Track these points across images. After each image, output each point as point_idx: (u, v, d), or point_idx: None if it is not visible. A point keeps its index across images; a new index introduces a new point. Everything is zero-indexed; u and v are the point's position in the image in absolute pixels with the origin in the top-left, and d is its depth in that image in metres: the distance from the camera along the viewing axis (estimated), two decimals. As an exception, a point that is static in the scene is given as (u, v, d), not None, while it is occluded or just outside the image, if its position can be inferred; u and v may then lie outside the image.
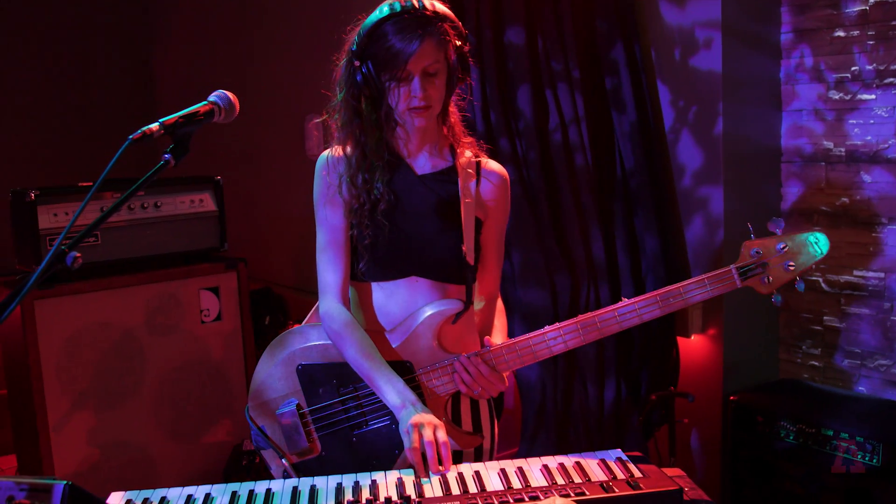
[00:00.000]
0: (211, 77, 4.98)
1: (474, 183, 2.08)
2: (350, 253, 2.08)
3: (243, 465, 3.35)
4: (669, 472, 1.80)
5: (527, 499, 1.61)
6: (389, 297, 2.07)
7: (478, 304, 2.18)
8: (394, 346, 2.03)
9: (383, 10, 1.92)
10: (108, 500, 1.75)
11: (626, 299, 1.95)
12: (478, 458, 2.11)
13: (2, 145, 4.65)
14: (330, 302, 2.06)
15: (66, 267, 1.44)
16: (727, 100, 3.13)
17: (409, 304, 2.05)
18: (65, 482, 1.38)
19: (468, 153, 2.11)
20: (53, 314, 3.15)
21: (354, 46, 1.96)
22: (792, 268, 1.93)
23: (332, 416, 2.06)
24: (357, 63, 1.95)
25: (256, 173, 4.72)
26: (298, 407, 2.07)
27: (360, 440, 2.04)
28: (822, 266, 3.20)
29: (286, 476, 2.04)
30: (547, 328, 1.97)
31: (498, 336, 2.16)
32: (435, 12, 1.92)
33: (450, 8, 1.99)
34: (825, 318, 3.24)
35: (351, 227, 2.06)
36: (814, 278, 3.23)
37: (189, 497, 1.77)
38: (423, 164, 2.09)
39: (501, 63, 3.20)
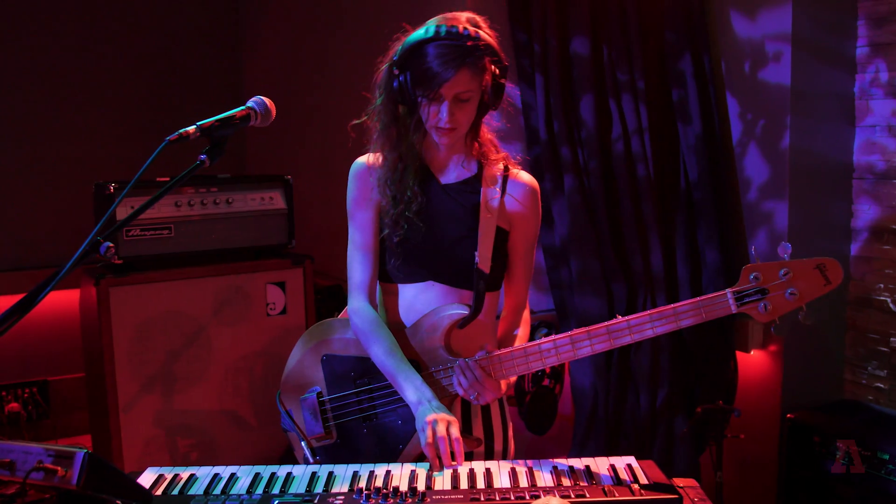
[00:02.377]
0: (294, 77, 5.12)
1: (499, 194, 2.13)
2: (378, 256, 2.18)
3: (299, 454, 3.45)
4: (682, 482, 1.82)
5: (528, 497, 1.66)
6: (411, 299, 2.16)
7: (503, 312, 2.26)
8: (406, 344, 2.12)
9: (429, 31, 1.98)
10: (143, 474, 1.89)
11: (620, 316, 1.93)
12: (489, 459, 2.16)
13: (93, 139, 4.85)
14: (358, 300, 2.17)
15: (102, 256, 1.53)
16: (795, 114, 3.09)
17: (427, 306, 2.14)
18: (85, 450, 1.50)
19: (498, 166, 2.16)
20: (127, 301, 3.32)
21: (396, 56, 2.03)
22: (795, 296, 1.83)
23: (347, 407, 2.17)
24: (396, 72, 2.02)
25: (333, 173, 4.83)
26: (319, 395, 2.20)
27: (370, 432, 2.14)
28: (890, 286, 3.13)
29: (306, 460, 2.17)
30: (542, 339, 2.00)
31: (511, 341, 2.20)
32: (476, 44, 1.96)
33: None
34: (892, 339, 3.16)
35: (382, 228, 2.16)
36: (882, 298, 3.16)
37: (215, 475, 1.89)
38: (449, 173, 2.17)
39: (566, 72, 3.23)
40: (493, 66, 2.02)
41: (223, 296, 3.50)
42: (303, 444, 2.19)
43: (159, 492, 1.82)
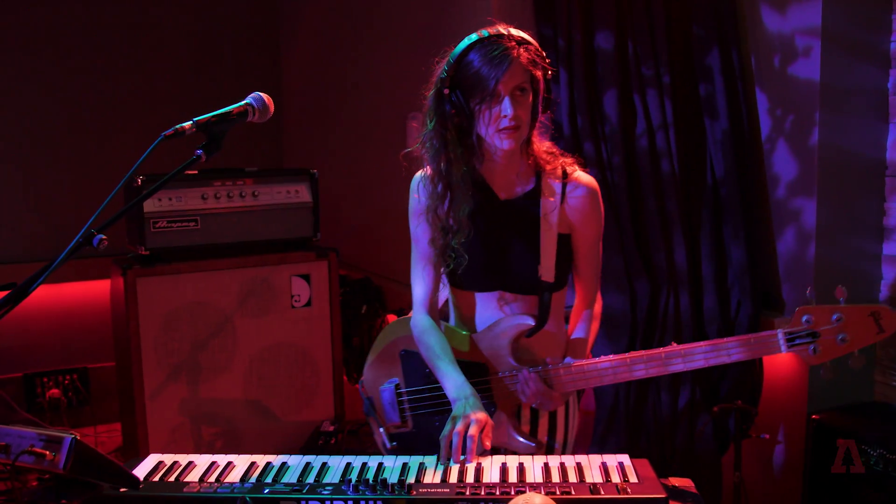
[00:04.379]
0: (330, 71, 5.16)
1: (559, 203, 2.15)
2: (439, 267, 2.26)
3: (319, 444, 3.51)
4: (678, 481, 1.81)
5: (513, 493, 1.66)
6: (481, 306, 2.24)
7: (574, 307, 2.32)
8: (477, 348, 2.21)
9: (471, 38, 2.03)
10: (144, 461, 1.94)
11: (675, 343, 2.00)
12: None
13: (131, 133, 4.95)
14: (417, 314, 2.28)
15: (94, 248, 1.58)
16: (825, 109, 3.03)
17: (496, 313, 2.22)
18: (72, 436, 1.55)
19: (557, 173, 2.18)
20: (154, 292, 3.40)
21: (444, 74, 2.04)
22: (846, 342, 1.83)
23: (422, 400, 2.28)
24: (446, 91, 2.03)
25: (365, 168, 4.87)
26: (397, 387, 2.32)
27: (442, 425, 2.16)
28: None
29: (384, 445, 2.30)
30: (601, 359, 2.07)
31: (574, 347, 2.26)
32: (522, 38, 2.02)
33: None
34: (924, 341, 3.09)
35: (439, 248, 2.22)
36: (914, 298, 3.09)
37: (212, 463, 1.93)
38: (507, 189, 2.19)
39: (590, 67, 3.21)
40: (540, 61, 2.04)
41: (248, 287, 3.56)
42: (381, 430, 2.32)
43: (156, 478, 1.85)
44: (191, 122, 1.74)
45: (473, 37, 2.02)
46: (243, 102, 1.86)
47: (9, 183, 4.83)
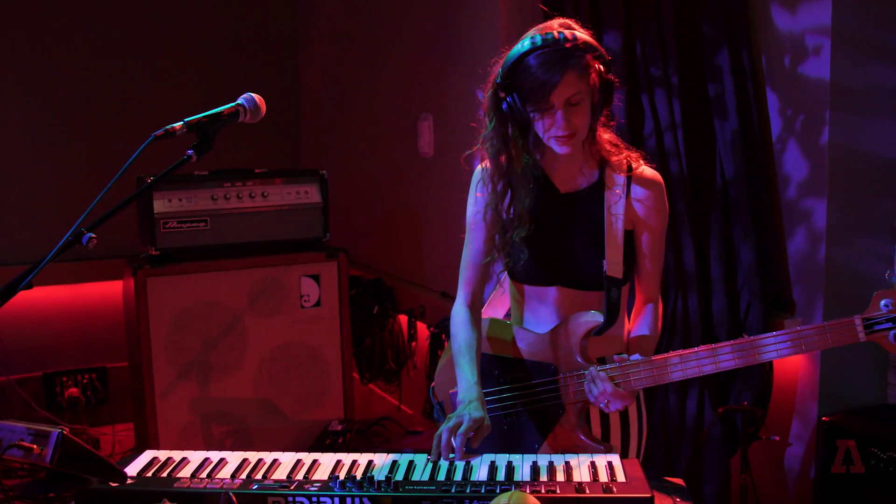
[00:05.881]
0: (346, 72, 5.19)
1: (623, 197, 2.12)
2: (489, 264, 2.24)
3: (327, 443, 3.52)
4: (672, 480, 1.79)
5: (498, 491, 1.65)
6: (541, 301, 2.20)
7: (634, 307, 2.26)
8: (543, 347, 2.15)
9: (524, 44, 1.97)
10: (139, 457, 1.96)
11: (746, 336, 1.93)
12: None
13: (147, 134, 5.00)
14: (457, 304, 2.27)
15: (83, 246, 1.58)
16: (835, 109, 2.99)
17: (558, 309, 2.17)
18: (59, 431, 1.57)
19: (621, 166, 2.15)
20: (164, 291, 3.44)
21: (499, 79, 2.02)
22: None
23: (491, 403, 2.21)
24: (503, 94, 2.02)
25: (379, 169, 4.89)
26: None
27: (511, 429, 2.18)
28: (935, 288, 3.00)
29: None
30: (669, 353, 1.98)
31: (640, 344, 2.19)
32: (575, 45, 1.96)
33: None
34: (938, 343, 3.04)
35: (494, 247, 2.20)
36: (927, 301, 3.03)
37: (205, 460, 1.94)
38: (569, 182, 2.16)
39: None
40: (597, 64, 1.99)
41: (258, 287, 3.58)
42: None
43: (149, 473, 1.87)
44: (182, 122, 1.75)
45: (527, 43, 1.97)
46: (234, 103, 1.86)
47: (33, 185, 4.91)
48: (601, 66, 2.00)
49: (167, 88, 5.18)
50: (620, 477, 1.76)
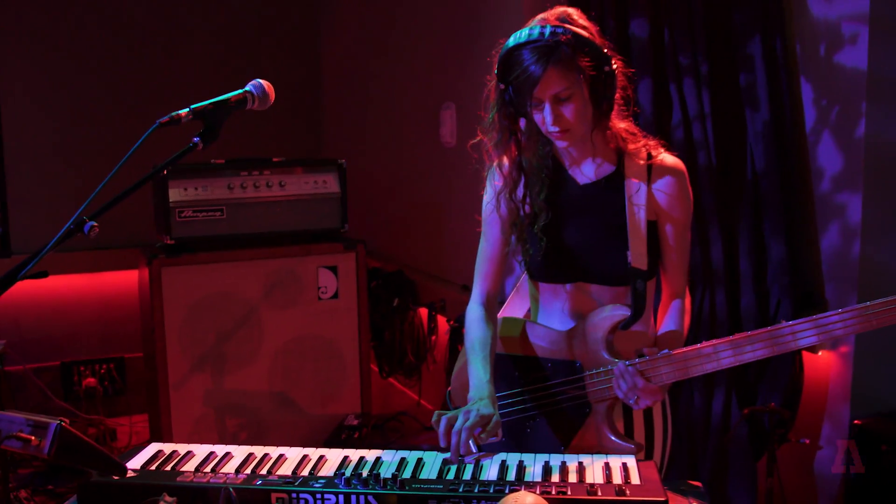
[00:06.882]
0: (369, 64, 5.14)
1: (645, 186, 2.04)
2: (504, 258, 2.18)
3: (342, 438, 3.47)
4: (692, 484, 1.73)
5: (507, 491, 1.59)
6: (560, 299, 2.12)
7: (661, 302, 2.18)
8: (567, 345, 2.08)
9: (515, 36, 1.93)
10: (144, 449, 1.92)
11: (785, 322, 1.84)
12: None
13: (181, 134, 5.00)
14: (471, 302, 2.20)
15: (85, 235, 1.55)
16: (872, 100, 2.89)
17: (578, 306, 2.10)
18: (58, 422, 1.53)
19: (640, 155, 2.08)
20: (179, 281, 3.40)
21: (496, 70, 1.98)
22: None
23: (512, 406, 2.15)
24: (502, 87, 1.99)
25: (400, 160, 4.83)
26: None
27: (533, 432, 2.11)
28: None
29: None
30: (702, 344, 1.91)
31: (668, 340, 2.10)
32: (557, 41, 1.88)
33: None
34: (976, 344, 2.93)
35: (510, 240, 2.15)
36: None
37: (210, 453, 1.89)
38: (587, 172, 2.09)
39: (623, 56, 3.11)
40: (585, 59, 1.91)
41: (274, 278, 3.54)
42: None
43: (153, 467, 1.82)
44: (188, 109, 1.70)
45: (518, 35, 1.92)
46: (242, 90, 1.81)
47: (53, 175, 4.91)
48: (592, 62, 1.92)
49: (189, 78, 5.16)
50: (635, 479, 1.69)
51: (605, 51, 1.95)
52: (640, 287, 2.01)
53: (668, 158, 2.10)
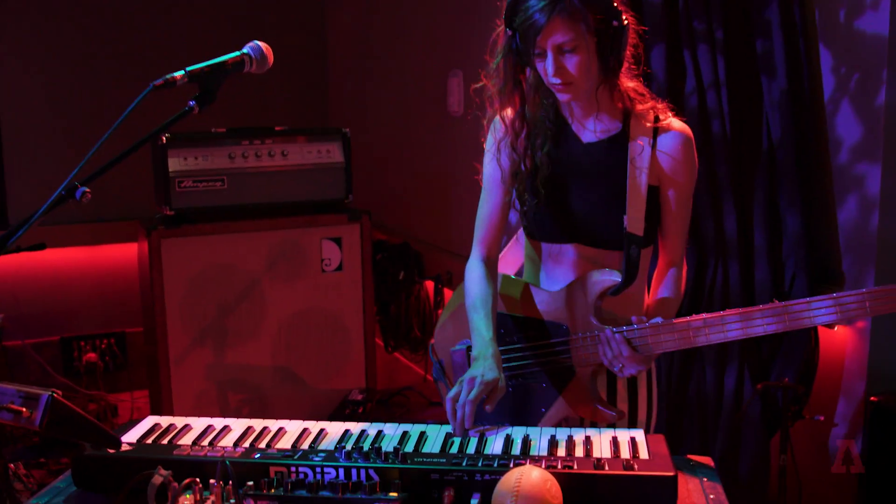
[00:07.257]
0: (375, 32, 5.07)
1: (649, 149, 2.00)
2: (505, 214, 2.14)
3: (346, 413, 3.44)
4: (697, 459, 1.71)
5: (512, 465, 1.55)
6: (555, 259, 2.10)
7: (656, 270, 2.15)
8: (556, 307, 2.05)
9: None
10: (141, 422, 1.88)
11: (777, 301, 1.82)
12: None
13: (171, 91, 4.94)
14: (471, 259, 2.18)
15: (77, 201, 1.52)
16: (893, 67, 2.81)
17: (572, 268, 2.08)
18: (50, 393, 1.49)
19: (647, 117, 2.03)
20: (179, 253, 3.35)
21: (504, 16, 1.94)
22: None
23: None
24: (509, 33, 1.94)
25: (406, 130, 4.77)
26: (469, 349, 2.13)
27: (516, 391, 2.09)
28: None
29: None
30: (692, 317, 1.87)
31: (660, 307, 2.07)
32: None
33: None
34: None
35: (511, 194, 2.12)
36: None
37: (208, 427, 1.87)
38: (591, 130, 2.05)
39: (636, 21, 3.04)
40: (592, 11, 1.86)
41: (277, 250, 3.49)
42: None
43: (150, 440, 1.78)
44: (183, 71, 1.65)
45: None
46: (240, 52, 1.77)
47: (54, 145, 4.83)
48: (601, 14, 1.87)
49: (194, 47, 5.07)
50: (644, 454, 1.65)
51: (616, 4, 1.89)
52: (634, 253, 1.98)
53: (675, 122, 2.06)
